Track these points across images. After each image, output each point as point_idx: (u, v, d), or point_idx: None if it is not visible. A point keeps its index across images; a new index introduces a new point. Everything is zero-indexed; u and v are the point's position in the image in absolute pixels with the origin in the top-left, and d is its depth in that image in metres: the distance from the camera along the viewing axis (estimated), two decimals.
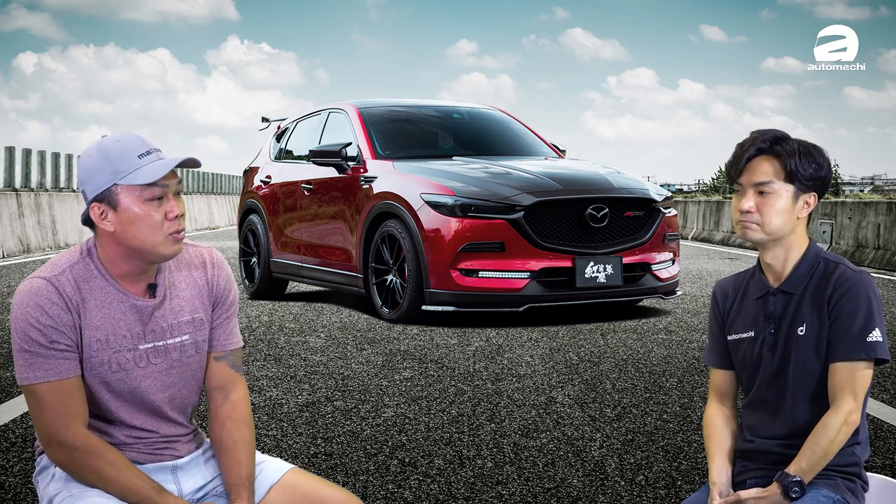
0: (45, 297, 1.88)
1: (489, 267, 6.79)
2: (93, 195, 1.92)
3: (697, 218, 20.04)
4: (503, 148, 8.59)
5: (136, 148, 1.91)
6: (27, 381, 1.88)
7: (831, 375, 2.03)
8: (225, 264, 2.14)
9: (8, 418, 4.16)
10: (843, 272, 2.06)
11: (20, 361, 1.88)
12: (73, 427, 1.88)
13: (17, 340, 1.88)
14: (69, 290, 1.90)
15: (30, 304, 1.87)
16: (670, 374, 5.15)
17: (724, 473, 2.14)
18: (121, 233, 1.92)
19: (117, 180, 1.89)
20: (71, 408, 1.88)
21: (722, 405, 2.23)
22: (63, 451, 1.89)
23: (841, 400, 1.99)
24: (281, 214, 8.81)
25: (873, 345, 2.00)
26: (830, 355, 2.03)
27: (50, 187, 17.84)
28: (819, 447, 1.98)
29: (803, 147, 2.07)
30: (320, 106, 9.22)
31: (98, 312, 1.93)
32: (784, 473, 1.99)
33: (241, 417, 2.07)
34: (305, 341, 6.27)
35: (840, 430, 1.98)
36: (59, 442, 1.88)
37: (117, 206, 1.91)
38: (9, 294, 8.93)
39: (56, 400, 1.87)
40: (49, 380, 1.87)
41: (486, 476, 3.38)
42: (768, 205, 2.06)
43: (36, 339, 1.86)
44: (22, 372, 1.88)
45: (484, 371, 5.24)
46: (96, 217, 1.93)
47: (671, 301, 8.29)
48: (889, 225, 12.28)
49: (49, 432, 1.88)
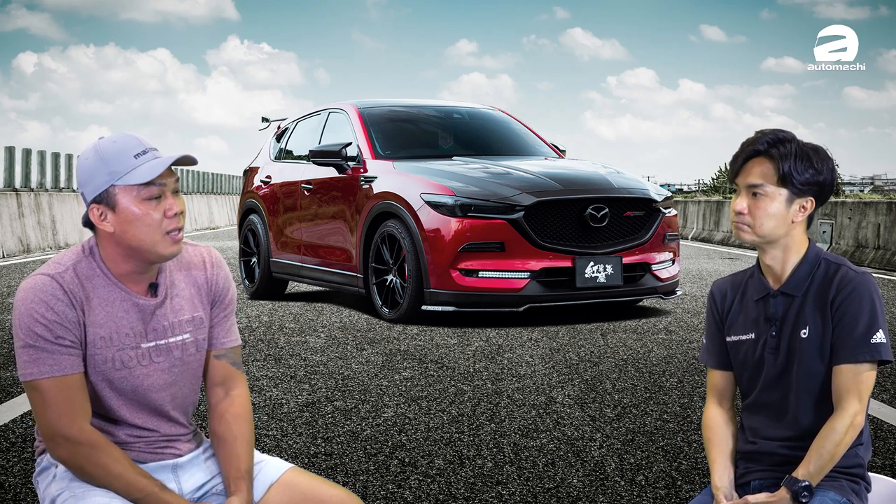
0: (50, 294, 1.88)
1: (489, 267, 6.79)
2: (91, 197, 1.92)
3: (697, 218, 20.04)
4: (503, 148, 8.59)
5: (131, 148, 1.92)
6: (31, 377, 1.87)
7: (835, 377, 2.01)
8: (223, 263, 2.15)
9: (8, 418, 4.16)
10: (846, 274, 2.04)
11: (24, 357, 1.87)
12: (78, 423, 1.88)
13: (21, 336, 1.87)
14: (73, 286, 1.90)
15: (34, 300, 1.87)
16: (670, 374, 5.15)
17: (727, 476, 2.13)
18: (120, 233, 1.92)
19: (114, 181, 1.90)
20: (75, 403, 1.88)
21: (721, 406, 2.22)
22: (68, 447, 1.88)
23: (846, 402, 1.99)
24: (281, 214, 8.82)
25: (877, 346, 1.99)
26: (834, 357, 2.02)
27: (50, 187, 17.84)
28: (826, 451, 1.97)
29: (802, 150, 2.04)
30: (320, 106, 9.22)
31: (101, 310, 1.94)
32: (792, 478, 1.97)
33: (240, 413, 2.08)
34: (305, 341, 6.27)
35: (846, 433, 1.97)
36: (63, 437, 1.88)
37: (116, 207, 1.91)
38: (9, 294, 8.92)
39: (60, 395, 1.87)
40: (54, 375, 1.86)
41: (486, 476, 3.38)
42: (760, 207, 2.04)
43: (41, 335, 1.86)
44: (26, 367, 1.87)
45: (484, 371, 5.24)
46: (95, 218, 1.93)
47: (671, 301, 8.29)
48: (889, 225, 12.28)
49: (54, 428, 1.88)
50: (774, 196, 2.04)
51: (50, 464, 1.99)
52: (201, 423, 4.08)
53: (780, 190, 2.03)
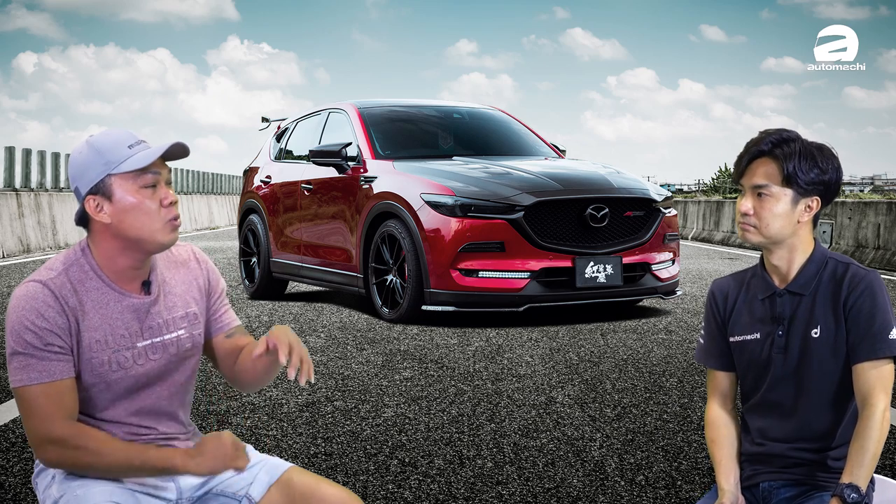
0: (42, 301, 1.88)
1: (489, 267, 6.79)
2: (86, 189, 1.93)
3: (697, 218, 20.04)
4: (503, 148, 8.59)
5: (124, 140, 1.95)
6: (21, 383, 1.88)
7: (858, 376, 1.99)
8: (207, 257, 2.20)
9: (8, 418, 4.17)
10: (856, 272, 2.03)
11: (14, 364, 1.88)
12: (59, 421, 1.88)
13: (11, 344, 1.89)
14: (65, 292, 1.91)
15: (25, 308, 1.88)
16: (670, 374, 5.15)
17: (733, 477, 2.11)
18: (118, 223, 1.93)
19: (110, 171, 1.92)
20: (62, 407, 1.89)
21: (724, 407, 2.20)
22: (55, 448, 1.88)
23: (874, 398, 1.96)
24: (281, 214, 8.82)
25: (894, 342, 1.98)
26: (853, 356, 2.01)
27: (50, 187, 17.84)
28: (868, 451, 1.93)
29: (806, 150, 2.02)
30: (320, 106, 9.22)
31: (96, 314, 1.94)
32: (840, 485, 1.92)
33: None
34: (305, 341, 6.27)
35: (882, 428, 1.94)
36: (50, 440, 1.88)
37: (112, 197, 1.93)
38: (9, 294, 8.92)
39: (49, 401, 1.87)
40: (42, 381, 1.87)
41: (486, 476, 3.38)
42: (766, 208, 2.03)
43: (30, 342, 1.87)
44: (15, 374, 1.88)
45: (484, 371, 5.24)
46: (92, 210, 1.94)
47: (671, 301, 8.29)
48: (889, 225, 12.27)
49: (39, 433, 1.88)
50: (780, 196, 2.02)
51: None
52: (201, 423, 4.08)
53: (785, 190, 2.02)
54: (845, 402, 2.06)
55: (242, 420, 4.16)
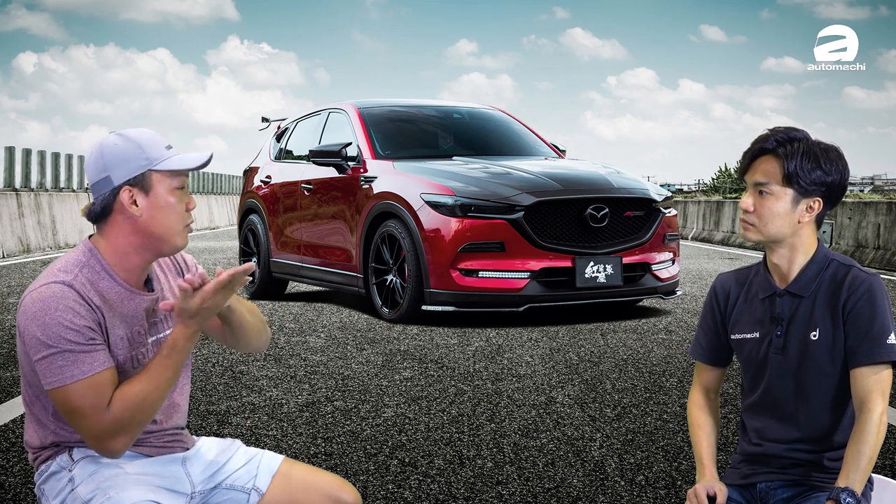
0: (72, 300, 1.86)
1: (489, 267, 6.79)
2: (123, 179, 1.93)
3: (697, 218, 20.04)
4: (503, 148, 8.59)
5: (160, 140, 1.98)
6: (73, 379, 1.82)
7: (856, 380, 1.99)
8: (188, 255, 2.23)
9: (8, 418, 4.16)
10: (857, 275, 2.02)
11: (59, 363, 1.82)
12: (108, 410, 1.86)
13: (47, 346, 1.83)
14: (86, 291, 1.90)
15: (59, 308, 1.84)
16: (670, 374, 5.15)
17: (713, 457, 2.15)
18: (147, 218, 1.94)
19: (152, 166, 1.94)
20: (107, 397, 1.86)
21: (707, 396, 2.24)
22: (121, 434, 1.86)
23: (871, 402, 1.96)
24: (281, 214, 8.82)
25: (893, 347, 1.97)
26: (851, 360, 2.00)
27: (50, 187, 17.84)
28: (865, 455, 1.93)
29: (810, 150, 2.01)
30: (320, 106, 9.22)
31: (115, 313, 1.94)
32: (835, 489, 1.92)
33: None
34: (305, 341, 6.27)
35: (878, 432, 1.94)
36: (114, 431, 1.85)
37: (150, 192, 1.94)
38: (9, 294, 8.91)
39: (95, 394, 1.84)
40: (94, 372, 1.84)
41: (486, 476, 3.38)
42: (766, 206, 2.02)
43: (74, 340, 1.83)
44: (63, 373, 1.82)
45: (484, 371, 5.24)
46: (125, 201, 1.93)
47: (671, 301, 8.30)
48: (889, 225, 12.28)
49: (100, 428, 1.84)
50: (780, 195, 2.01)
51: (60, 468, 1.96)
52: (201, 423, 4.08)
53: (785, 189, 2.01)
54: (843, 404, 2.05)
55: (242, 420, 4.16)
